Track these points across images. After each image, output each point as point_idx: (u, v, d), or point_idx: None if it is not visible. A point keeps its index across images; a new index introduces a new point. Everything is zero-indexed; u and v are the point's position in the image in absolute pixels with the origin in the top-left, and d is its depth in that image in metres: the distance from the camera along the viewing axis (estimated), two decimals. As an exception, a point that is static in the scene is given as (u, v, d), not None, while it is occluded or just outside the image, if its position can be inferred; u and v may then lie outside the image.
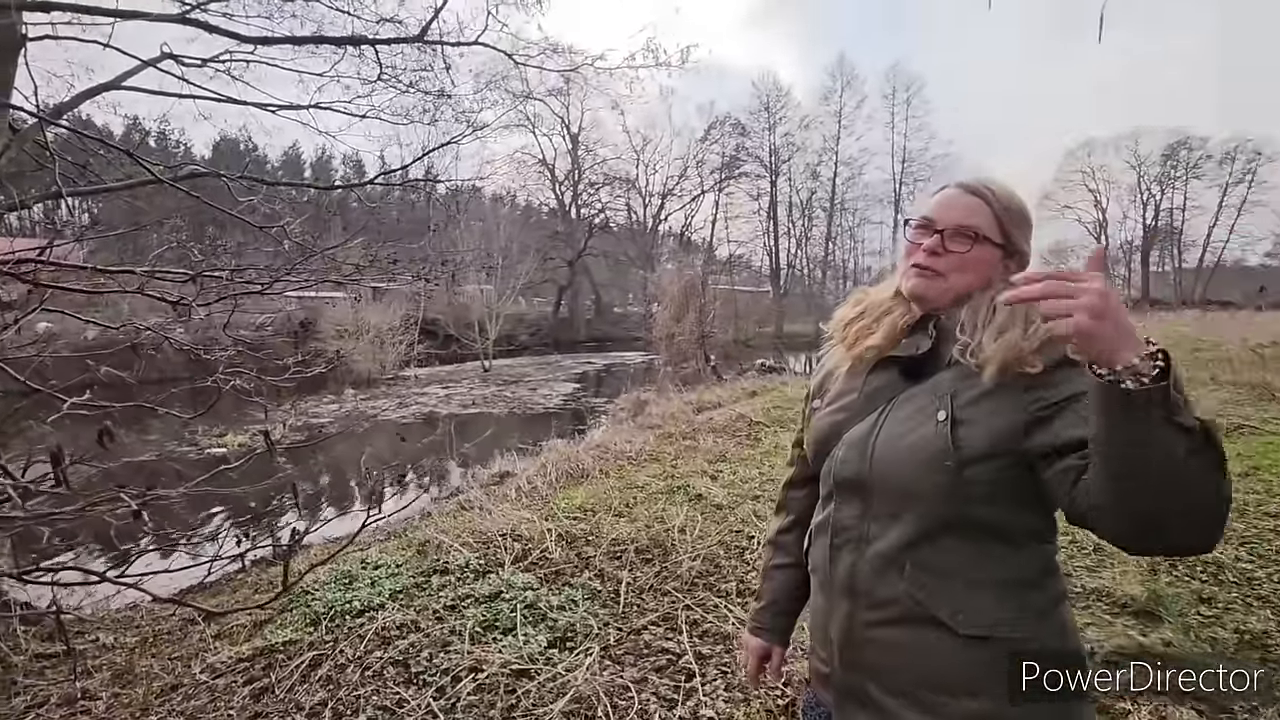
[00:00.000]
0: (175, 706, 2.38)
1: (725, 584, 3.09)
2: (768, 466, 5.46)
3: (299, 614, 3.02)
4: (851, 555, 0.95)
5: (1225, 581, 2.97)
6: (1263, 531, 3.57)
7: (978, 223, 0.94)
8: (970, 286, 0.95)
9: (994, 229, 0.94)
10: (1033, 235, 0.99)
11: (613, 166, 40.34)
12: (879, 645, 0.91)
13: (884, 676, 0.91)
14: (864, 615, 0.92)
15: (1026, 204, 0.99)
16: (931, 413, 0.89)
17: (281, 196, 5.65)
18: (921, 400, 0.92)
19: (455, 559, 3.43)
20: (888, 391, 0.98)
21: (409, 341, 21.40)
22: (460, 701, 2.19)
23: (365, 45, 4.62)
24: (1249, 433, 6.04)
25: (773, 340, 28.39)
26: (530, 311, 34.69)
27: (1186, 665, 1.64)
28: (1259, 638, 2.47)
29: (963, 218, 0.94)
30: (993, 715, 0.84)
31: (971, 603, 0.85)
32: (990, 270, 0.95)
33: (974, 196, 0.95)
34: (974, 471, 0.84)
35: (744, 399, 10.41)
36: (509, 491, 5.52)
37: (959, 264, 0.94)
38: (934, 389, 0.92)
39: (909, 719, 0.87)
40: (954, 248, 0.94)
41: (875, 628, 0.91)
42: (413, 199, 31.09)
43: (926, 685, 0.87)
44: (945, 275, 0.95)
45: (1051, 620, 0.89)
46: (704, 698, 2.17)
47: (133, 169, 4.41)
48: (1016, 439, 0.83)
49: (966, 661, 0.84)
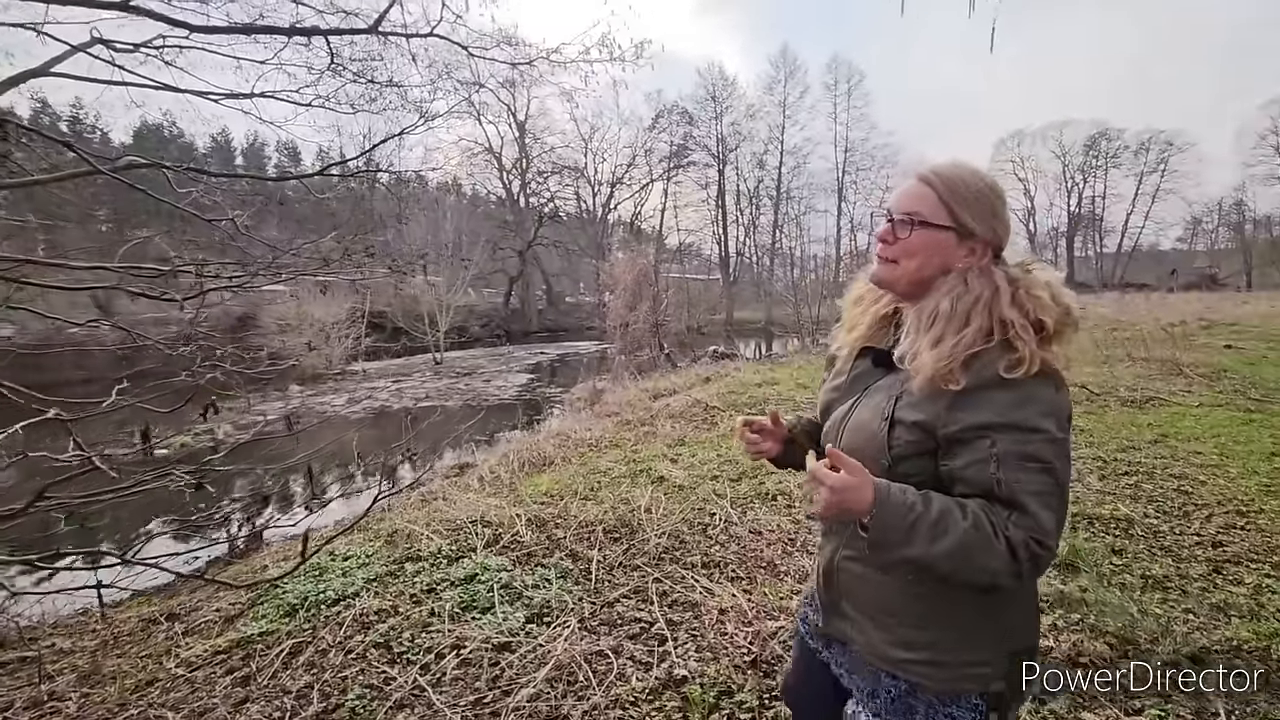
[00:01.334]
0: (154, 700, 2.39)
1: (691, 557, 3.27)
2: (725, 449, 5.66)
3: (271, 607, 3.03)
4: None
5: (1135, 535, 3.32)
6: (1167, 491, 3.97)
7: (918, 208, 1.01)
8: (922, 269, 1.02)
9: (937, 212, 1.00)
10: (998, 209, 1.02)
11: (561, 155, 40.00)
12: (849, 575, 1.11)
13: (852, 598, 1.11)
14: (841, 551, 1.12)
15: (989, 184, 1.03)
16: (879, 411, 1.02)
17: (219, 187, 5.47)
18: (881, 396, 1.04)
19: (427, 546, 3.49)
20: (865, 379, 1.11)
21: (356, 335, 20.87)
22: (446, 676, 2.29)
23: (316, 36, 4.53)
24: (1159, 404, 6.61)
25: (724, 327, 28.84)
26: (481, 303, 34.15)
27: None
28: (1160, 581, 2.80)
29: (906, 204, 1.03)
30: (923, 643, 1.01)
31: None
32: (943, 253, 1.01)
33: (920, 183, 1.03)
34: (905, 467, 0.98)
35: (699, 385, 10.64)
36: (471, 482, 5.57)
37: (904, 249, 1.02)
38: (890, 387, 1.03)
39: (869, 632, 1.07)
40: (899, 234, 1.03)
41: (847, 561, 1.11)
42: (357, 190, 30.02)
43: (882, 611, 1.06)
44: (898, 261, 1.04)
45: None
46: (677, 659, 2.33)
47: (59, 160, 4.22)
48: (934, 447, 0.96)
49: (908, 597, 1.02)
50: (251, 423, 11.49)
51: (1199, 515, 3.54)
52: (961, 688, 1.00)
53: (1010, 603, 1.01)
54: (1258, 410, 6.10)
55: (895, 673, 1.03)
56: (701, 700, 2.08)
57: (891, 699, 1.04)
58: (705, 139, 43.25)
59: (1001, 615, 1.00)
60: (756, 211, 46.28)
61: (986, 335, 0.93)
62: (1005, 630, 1.01)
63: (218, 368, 2.05)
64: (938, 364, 0.93)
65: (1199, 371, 8.34)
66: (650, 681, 2.21)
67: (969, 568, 0.88)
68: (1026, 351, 0.90)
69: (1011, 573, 0.87)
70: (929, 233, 1.01)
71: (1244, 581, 2.77)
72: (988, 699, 1.00)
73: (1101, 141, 48.12)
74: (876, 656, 1.06)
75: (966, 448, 0.92)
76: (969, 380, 0.91)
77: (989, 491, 0.90)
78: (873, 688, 1.08)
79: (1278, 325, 14.59)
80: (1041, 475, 0.89)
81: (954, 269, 1.01)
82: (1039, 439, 0.89)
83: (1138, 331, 11.41)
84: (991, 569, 0.87)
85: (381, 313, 24.54)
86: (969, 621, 1.00)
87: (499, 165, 38.32)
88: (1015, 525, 0.87)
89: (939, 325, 0.96)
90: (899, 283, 1.05)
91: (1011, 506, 0.89)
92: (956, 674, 0.99)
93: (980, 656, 1.00)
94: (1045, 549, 0.88)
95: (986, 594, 0.97)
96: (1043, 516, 0.88)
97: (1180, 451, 4.81)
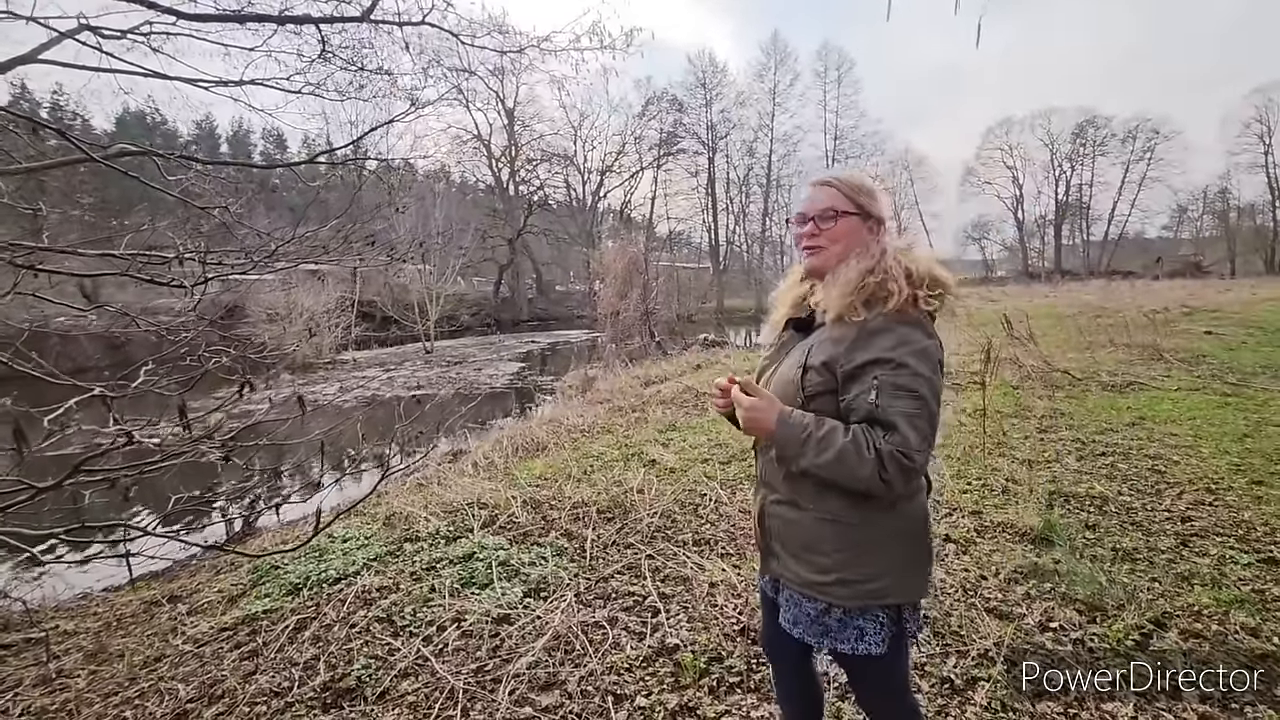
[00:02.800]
0: (164, 674, 2.47)
1: (682, 535, 3.37)
2: (715, 433, 5.77)
3: (274, 586, 3.11)
4: (763, 457, 1.38)
5: (1108, 512, 3.45)
6: (1141, 470, 4.12)
7: (831, 203, 1.29)
8: (848, 250, 1.28)
9: (847, 203, 1.29)
10: (881, 198, 1.32)
11: (550, 143, 39.74)
12: (776, 519, 1.34)
13: (780, 539, 1.34)
14: (770, 497, 1.36)
15: (869, 178, 1.35)
16: (796, 362, 1.28)
17: (208, 175, 5.46)
18: (798, 351, 1.32)
19: (425, 527, 3.58)
20: (789, 344, 1.40)
21: (345, 324, 20.80)
22: (448, 646, 2.38)
23: (309, 24, 4.52)
24: (1139, 388, 6.77)
25: (714, 315, 28.97)
26: (471, 291, 34.06)
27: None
28: (1129, 553, 2.93)
29: (821, 204, 1.30)
30: (830, 568, 1.24)
31: (819, 499, 1.24)
32: (855, 234, 1.29)
33: (826, 186, 1.31)
34: (815, 405, 1.23)
35: (689, 372, 10.75)
36: (466, 467, 5.65)
37: (832, 236, 1.29)
38: (804, 346, 1.30)
39: (791, 566, 1.31)
40: (824, 226, 1.29)
41: (774, 506, 1.35)
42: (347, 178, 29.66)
43: (799, 546, 1.29)
44: (827, 247, 1.30)
45: (881, 508, 1.23)
46: (669, 629, 2.43)
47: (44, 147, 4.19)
48: (835, 386, 1.22)
49: (819, 534, 1.25)
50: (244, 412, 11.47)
51: (1170, 493, 3.68)
52: (866, 604, 1.23)
53: (898, 536, 1.25)
54: (1233, 394, 6.27)
55: (814, 595, 1.26)
56: (693, 665, 2.18)
57: (811, 619, 1.28)
58: (695, 126, 43.21)
59: (890, 544, 1.24)
60: (746, 199, 46.48)
61: (869, 274, 1.21)
62: (895, 557, 1.24)
63: (222, 353, 2.10)
64: (843, 300, 1.21)
65: (1179, 357, 8.52)
66: (644, 650, 2.31)
67: (845, 474, 1.14)
68: (896, 289, 1.17)
69: (879, 478, 1.11)
70: (845, 220, 1.29)
71: (1209, 553, 2.90)
72: (888, 612, 1.25)
73: (1089, 129, 48.43)
74: (800, 584, 1.29)
75: (856, 382, 1.18)
76: (867, 315, 1.18)
77: (870, 415, 1.15)
78: (796, 612, 1.31)
79: (1257, 312, 14.86)
80: (910, 401, 1.13)
81: (860, 248, 1.28)
82: (906, 373, 1.14)
83: (1121, 318, 11.62)
84: (861, 475, 1.12)
85: (371, 302, 24.46)
86: (866, 549, 1.23)
87: (488, 153, 38.09)
88: (887, 442, 1.11)
89: (842, 277, 1.24)
90: (829, 264, 1.29)
91: (886, 427, 1.13)
92: (861, 591, 1.22)
93: (876, 575, 1.22)
94: (911, 460, 1.11)
95: (878, 522, 1.22)
96: (910, 435, 1.11)
97: (1157, 433, 4.96)
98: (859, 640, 1.24)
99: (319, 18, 4.20)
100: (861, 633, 1.24)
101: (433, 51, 6.17)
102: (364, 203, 12.18)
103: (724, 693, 2.08)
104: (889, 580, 1.23)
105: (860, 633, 1.24)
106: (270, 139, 43.58)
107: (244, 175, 5.93)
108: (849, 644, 1.24)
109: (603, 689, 2.12)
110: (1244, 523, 3.21)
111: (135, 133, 29.57)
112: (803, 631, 1.30)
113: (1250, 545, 2.97)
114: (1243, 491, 3.64)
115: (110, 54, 5.46)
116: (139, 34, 5.68)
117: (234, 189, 4.39)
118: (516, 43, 5.54)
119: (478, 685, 2.17)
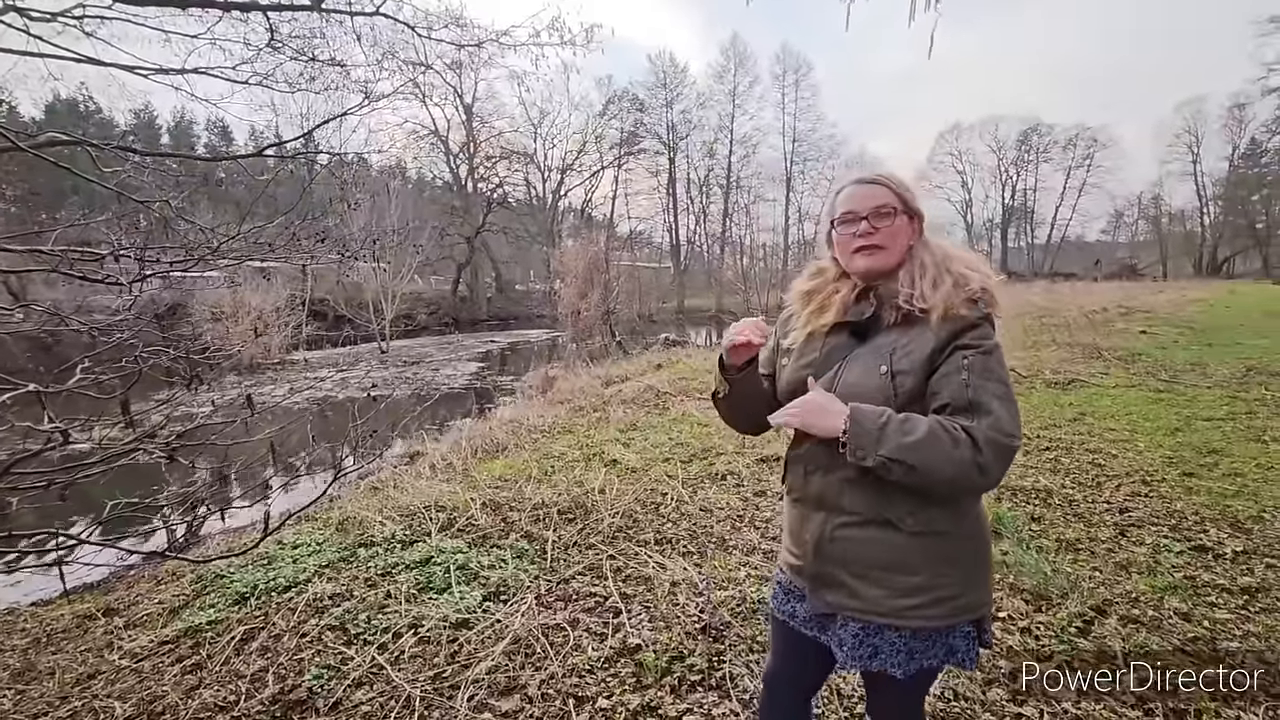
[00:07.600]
0: (98, 691, 2.34)
1: (643, 535, 3.36)
2: (676, 432, 5.79)
3: (218, 596, 2.98)
4: (822, 479, 1.22)
5: (1052, 504, 3.59)
6: (1083, 464, 4.30)
7: (886, 200, 1.22)
8: (903, 250, 1.23)
9: (899, 201, 1.22)
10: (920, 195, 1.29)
11: (510, 140, 39.27)
12: (847, 542, 1.19)
13: (849, 564, 1.18)
14: (836, 520, 1.20)
15: (904, 175, 1.29)
16: (875, 368, 1.17)
17: (148, 167, 5.19)
18: (868, 359, 1.19)
19: (380, 532, 3.48)
20: (842, 351, 1.25)
21: (296, 323, 20.14)
22: (405, 653, 2.32)
23: (255, 11, 4.34)
24: (1079, 385, 7.07)
25: (675, 315, 29.09)
26: (428, 290, 33.40)
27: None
28: (1072, 543, 3.05)
29: (874, 202, 1.22)
30: (924, 587, 1.13)
31: (917, 510, 1.13)
32: (907, 232, 1.23)
33: (876, 184, 1.24)
34: (910, 410, 1.12)
35: (650, 372, 10.76)
36: (423, 469, 5.52)
37: (890, 234, 1.21)
38: (876, 350, 1.19)
39: (868, 592, 1.16)
40: (880, 224, 1.21)
41: (844, 529, 1.19)
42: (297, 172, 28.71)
43: (879, 567, 1.16)
44: (885, 246, 1.21)
45: (969, 517, 1.19)
46: (631, 629, 2.42)
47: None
48: (924, 391, 1.14)
49: (910, 549, 1.14)
50: (188, 414, 11.00)
51: (1109, 485, 3.85)
52: (957, 620, 1.15)
53: (977, 542, 1.19)
54: (1166, 390, 6.61)
55: (898, 624, 1.15)
56: (654, 665, 2.18)
57: (894, 648, 1.17)
58: (656, 126, 43.33)
59: (973, 553, 1.18)
60: (707, 200, 46.71)
61: (971, 270, 1.18)
62: (977, 565, 1.18)
63: (162, 353, 2.00)
64: (948, 299, 1.14)
65: (1116, 355, 8.95)
66: (605, 651, 2.29)
67: (937, 456, 1.04)
68: (981, 289, 1.16)
69: (976, 462, 1.03)
70: (901, 217, 1.22)
71: (1145, 542, 3.05)
72: (976, 624, 1.18)
73: (1033, 136, 50.53)
74: (878, 613, 1.15)
75: (947, 362, 1.12)
76: (967, 313, 1.13)
77: (959, 395, 1.09)
78: (875, 643, 1.18)
79: (1187, 313, 15.74)
80: (999, 384, 1.09)
81: (910, 244, 1.24)
82: (995, 360, 1.11)
83: (1063, 318, 12.13)
84: (956, 457, 1.03)
85: (323, 300, 23.75)
86: (956, 561, 1.15)
87: (446, 149, 37.41)
88: (979, 424, 1.05)
89: (930, 274, 1.18)
90: (889, 264, 1.22)
91: (975, 409, 1.07)
92: (954, 607, 1.14)
93: (967, 588, 1.15)
94: (1008, 437, 1.06)
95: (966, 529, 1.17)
96: (1003, 415, 1.07)
97: (1096, 428, 5.19)
98: (949, 656, 1.18)
99: (266, 5, 4.04)
100: (951, 650, 1.18)
101: (387, 43, 6.02)
102: (315, 198, 11.79)
103: (685, 691, 2.08)
104: (978, 592, 1.17)
105: (950, 650, 1.17)
106: (215, 130, 41.75)
107: (186, 168, 5.67)
108: (936, 659, 1.17)
109: (564, 691, 2.10)
110: (1176, 512, 3.38)
111: (67, 121, 28.07)
112: (882, 663, 1.17)
113: (1182, 534, 3.13)
114: (1175, 483, 3.83)
115: (39, 37, 5.17)
116: (70, 17, 5.39)
117: (175, 182, 4.18)
118: (475, 36, 5.46)
119: (435, 692, 2.12)
